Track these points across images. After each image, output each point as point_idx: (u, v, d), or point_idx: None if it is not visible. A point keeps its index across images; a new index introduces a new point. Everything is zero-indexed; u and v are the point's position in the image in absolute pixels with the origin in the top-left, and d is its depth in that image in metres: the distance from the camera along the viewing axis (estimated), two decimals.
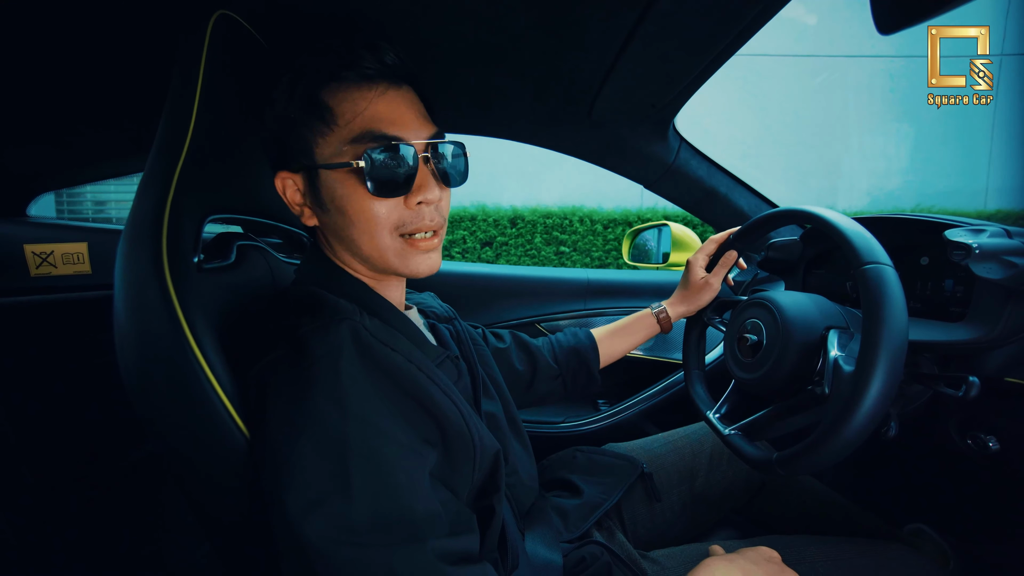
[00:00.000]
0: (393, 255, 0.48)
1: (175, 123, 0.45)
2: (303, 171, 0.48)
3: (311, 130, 0.46)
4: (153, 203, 0.40)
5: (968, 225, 0.58)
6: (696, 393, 0.79)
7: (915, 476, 0.86)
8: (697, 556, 0.61)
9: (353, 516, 0.35)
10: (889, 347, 0.46)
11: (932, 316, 0.66)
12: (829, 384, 0.53)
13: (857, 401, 0.46)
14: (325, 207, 0.47)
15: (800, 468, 0.53)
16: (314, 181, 0.47)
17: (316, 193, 0.47)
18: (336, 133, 0.45)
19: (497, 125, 0.98)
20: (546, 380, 0.79)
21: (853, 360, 0.51)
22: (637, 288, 1.27)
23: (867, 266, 0.50)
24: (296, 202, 0.49)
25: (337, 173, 0.45)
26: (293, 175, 0.48)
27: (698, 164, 0.98)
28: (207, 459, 0.40)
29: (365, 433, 0.37)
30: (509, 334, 0.81)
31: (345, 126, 0.45)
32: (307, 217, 0.49)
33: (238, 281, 0.54)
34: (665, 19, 0.57)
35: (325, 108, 0.45)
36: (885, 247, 0.53)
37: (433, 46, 0.65)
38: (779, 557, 0.53)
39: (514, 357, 0.77)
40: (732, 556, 0.51)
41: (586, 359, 0.81)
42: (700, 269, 0.81)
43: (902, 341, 0.46)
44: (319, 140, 0.46)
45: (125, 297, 0.39)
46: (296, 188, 0.49)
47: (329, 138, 0.45)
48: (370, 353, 0.41)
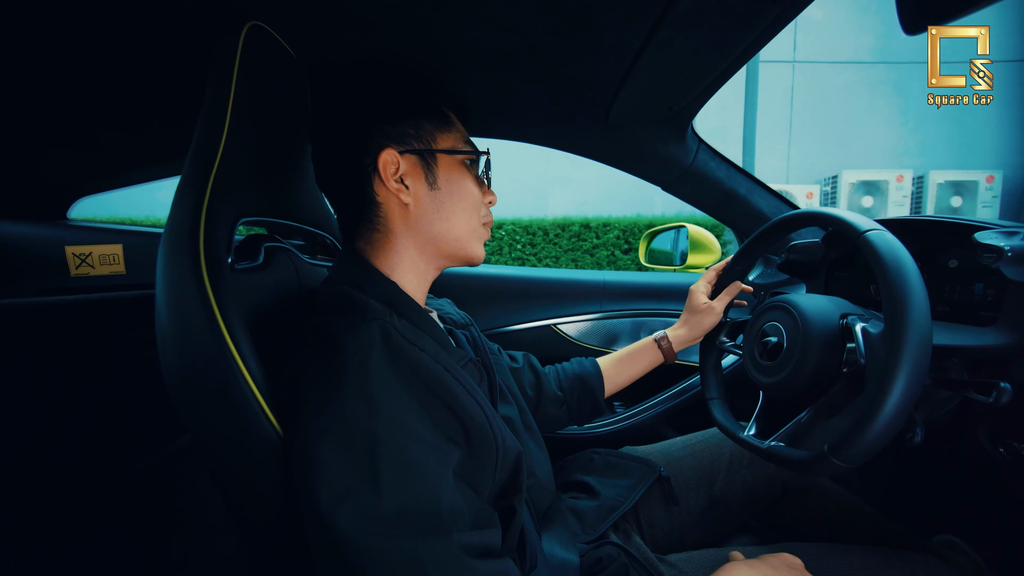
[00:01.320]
0: (474, 236, 0.58)
1: (209, 130, 0.47)
2: (414, 154, 0.54)
3: (433, 125, 0.56)
4: (190, 208, 0.42)
5: (999, 227, 0.56)
6: (721, 420, 0.76)
7: (946, 485, 0.84)
8: (716, 561, 0.61)
9: (381, 508, 0.36)
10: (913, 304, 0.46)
11: (961, 320, 0.64)
12: (863, 355, 0.52)
13: (895, 360, 0.45)
14: (436, 184, 0.55)
15: (858, 453, 0.49)
16: (429, 163, 0.55)
17: (430, 171, 0.55)
18: (452, 135, 0.57)
19: (515, 129, 0.99)
20: (551, 405, 0.80)
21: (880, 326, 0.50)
22: (654, 290, 1.26)
23: (868, 232, 0.51)
24: (392, 178, 0.54)
25: (454, 160, 0.57)
26: (399, 155, 0.53)
27: (717, 166, 0.97)
28: (242, 455, 0.41)
29: (393, 430, 0.38)
30: (523, 356, 0.82)
31: (455, 132, 0.58)
32: (403, 194, 0.54)
33: (266, 282, 0.56)
34: (683, 22, 0.57)
35: (445, 116, 0.58)
36: (912, 251, 0.52)
37: (452, 51, 0.66)
38: (802, 564, 0.52)
39: (524, 380, 0.79)
40: (753, 562, 0.51)
41: (591, 387, 0.81)
42: (702, 295, 0.82)
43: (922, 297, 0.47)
44: (442, 134, 0.56)
45: (166, 299, 0.41)
46: (395, 167, 0.53)
47: (448, 135, 0.57)
48: (399, 353, 0.42)
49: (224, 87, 0.48)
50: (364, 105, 0.55)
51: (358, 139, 0.53)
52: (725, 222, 1.09)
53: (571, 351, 1.22)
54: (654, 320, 1.25)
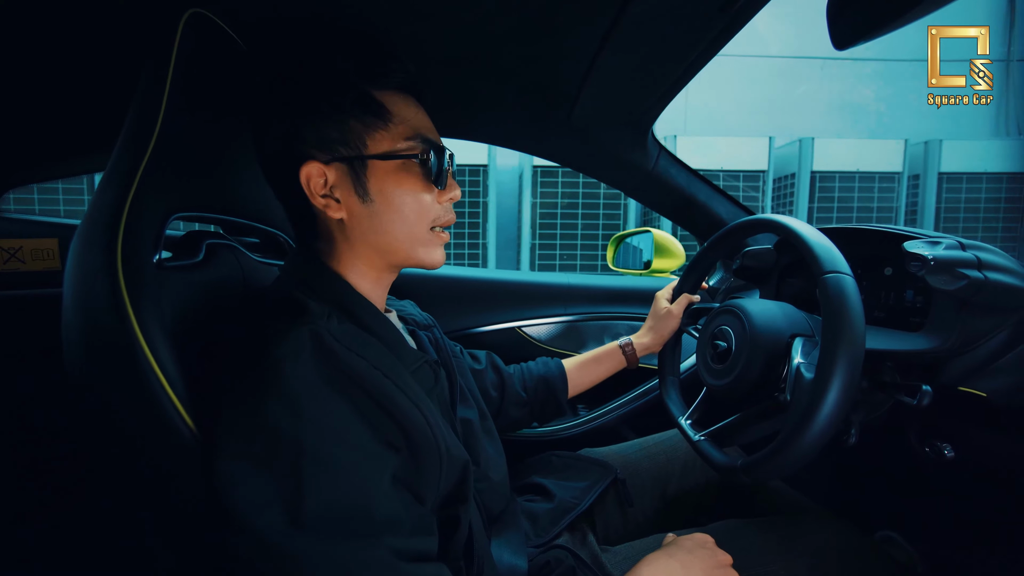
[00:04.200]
0: (422, 245, 0.52)
1: (142, 120, 0.45)
2: (342, 162, 0.48)
3: (363, 124, 0.48)
4: (112, 199, 0.40)
5: (926, 237, 0.59)
6: (670, 399, 0.79)
7: (884, 484, 0.88)
8: (654, 545, 0.62)
9: (305, 511, 0.35)
10: (846, 356, 0.47)
11: (895, 325, 0.67)
12: (791, 391, 0.54)
13: (815, 408, 0.47)
14: (368, 197, 0.49)
15: (762, 474, 0.53)
16: (359, 172, 0.48)
17: (359, 183, 0.48)
18: (390, 131, 0.49)
19: (480, 130, 0.98)
20: (514, 407, 0.80)
21: (814, 368, 0.52)
22: (620, 293, 1.28)
23: (827, 275, 0.51)
24: (319, 193, 0.48)
25: (389, 165, 0.49)
26: (324, 166, 0.48)
27: (677, 172, 0.99)
28: (155, 456, 0.39)
29: (320, 435, 0.37)
30: (486, 355, 0.81)
31: (399, 125, 0.49)
32: (333, 209, 0.49)
33: (205, 279, 0.53)
34: (637, 26, 0.58)
35: (381, 107, 0.48)
36: (851, 257, 0.54)
37: (414, 50, 0.65)
38: (712, 541, 0.55)
39: (488, 381, 0.78)
40: (669, 548, 0.53)
41: (554, 388, 0.82)
42: (663, 301, 0.85)
43: (859, 350, 0.47)
44: (373, 135, 0.48)
45: (73, 293, 0.38)
46: (322, 179, 0.48)
47: (383, 134, 0.48)
48: (331, 357, 0.41)
49: (160, 74, 0.46)
50: (280, 104, 0.48)
51: (278, 146, 0.48)
52: (686, 227, 1.11)
53: (536, 354, 1.22)
54: (620, 323, 1.26)
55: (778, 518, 0.67)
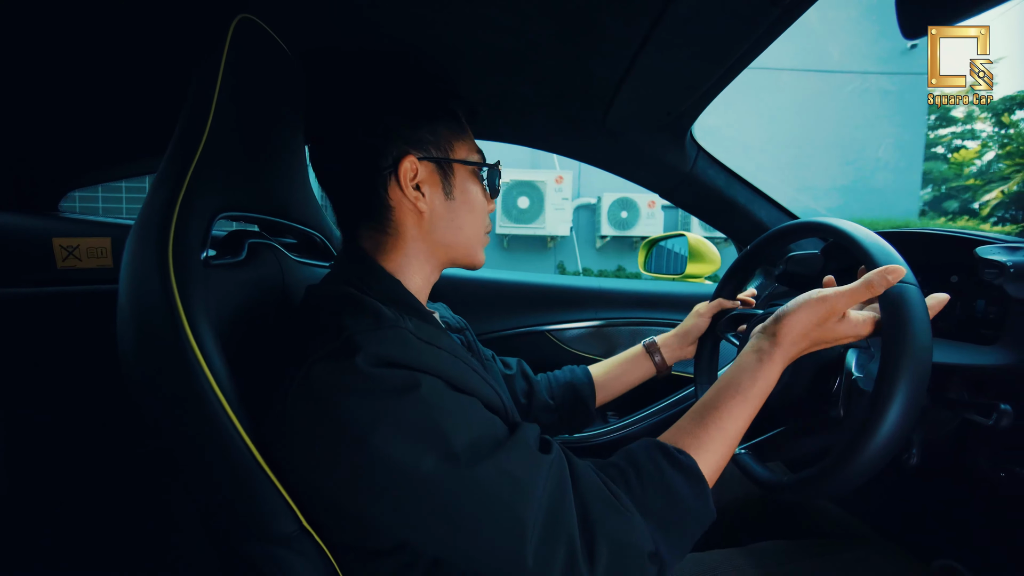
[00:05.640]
0: (480, 245, 0.59)
1: (192, 124, 0.46)
2: (433, 162, 0.53)
3: (451, 131, 0.55)
4: (164, 200, 0.41)
5: (1002, 242, 0.55)
6: None
7: (946, 509, 0.81)
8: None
9: (456, 449, 0.38)
10: (911, 369, 0.43)
11: (963, 338, 0.62)
12: (845, 406, 0.50)
13: (874, 426, 0.44)
14: (452, 195, 0.55)
15: (811, 494, 0.50)
16: (447, 173, 0.55)
17: (447, 181, 0.54)
18: (465, 142, 0.57)
19: (515, 131, 0.98)
20: (543, 412, 0.79)
21: (872, 381, 0.48)
22: (652, 298, 1.24)
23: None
24: (411, 184, 0.52)
25: (466, 170, 0.56)
26: (420, 162, 0.52)
27: (716, 174, 0.96)
28: (203, 455, 0.40)
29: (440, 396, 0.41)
30: (516, 363, 0.81)
31: (467, 139, 0.57)
32: (420, 201, 0.53)
33: (247, 278, 0.54)
34: (680, 26, 0.56)
35: (460, 122, 0.57)
36: (911, 264, 0.50)
37: (454, 54, 0.66)
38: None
39: (517, 387, 0.78)
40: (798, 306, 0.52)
41: (582, 394, 0.80)
42: (700, 306, 0.81)
43: (925, 364, 0.43)
44: (455, 142, 0.55)
45: (128, 290, 0.40)
46: (414, 173, 0.52)
47: (462, 143, 0.56)
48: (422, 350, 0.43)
49: (210, 80, 0.47)
50: (381, 103, 0.52)
51: (375, 140, 0.51)
52: (724, 231, 1.07)
53: (565, 358, 1.20)
54: (652, 329, 1.23)
55: (829, 542, 0.63)
